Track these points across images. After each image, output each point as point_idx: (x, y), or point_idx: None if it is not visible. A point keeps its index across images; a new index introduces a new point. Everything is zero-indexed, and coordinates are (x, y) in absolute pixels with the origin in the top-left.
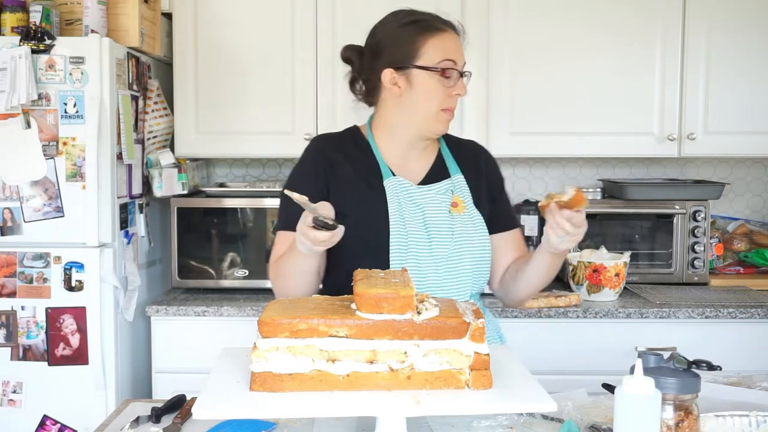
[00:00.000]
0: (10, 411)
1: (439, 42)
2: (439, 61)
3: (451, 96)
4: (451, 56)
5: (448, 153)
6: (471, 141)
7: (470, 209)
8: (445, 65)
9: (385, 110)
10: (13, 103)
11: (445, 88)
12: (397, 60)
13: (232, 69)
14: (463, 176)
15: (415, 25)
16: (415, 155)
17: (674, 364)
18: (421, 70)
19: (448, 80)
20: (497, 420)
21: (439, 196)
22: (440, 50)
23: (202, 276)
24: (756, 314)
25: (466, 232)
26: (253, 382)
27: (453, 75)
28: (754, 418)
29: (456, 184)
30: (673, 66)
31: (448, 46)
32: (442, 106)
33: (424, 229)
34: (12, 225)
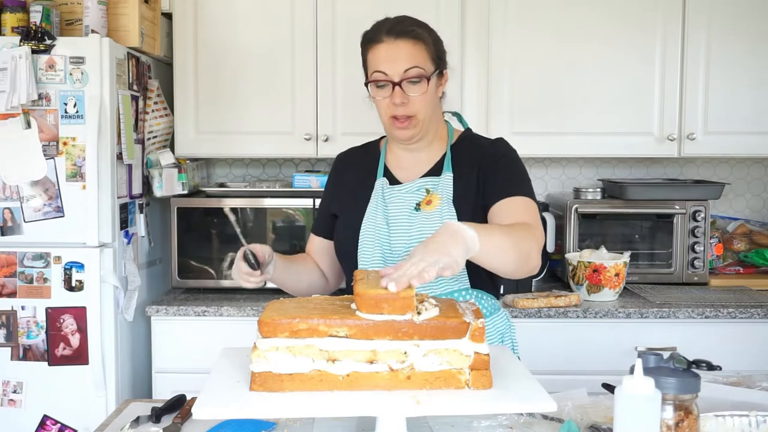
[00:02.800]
0: (10, 411)
1: (372, 55)
2: (371, 73)
3: (394, 105)
4: (381, 68)
5: (449, 154)
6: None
7: (444, 206)
8: (374, 77)
9: None
10: (13, 103)
11: (383, 99)
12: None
13: (232, 69)
14: (452, 174)
15: (363, 39)
16: (416, 155)
17: (674, 364)
18: (367, 83)
19: (382, 90)
20: (497, 420)
21: (407, 195)
22: (372, 62)
23: (202, 276)
24: (756, 314)
25: (428, 228)
26: (253, 382)
27: (387, 85)
28: (754, 418)
29: (440, 183)
30: (673, 66)
31: (379, 57)
32: (388, 115)
33: (385, 224)
34: (12, 225)
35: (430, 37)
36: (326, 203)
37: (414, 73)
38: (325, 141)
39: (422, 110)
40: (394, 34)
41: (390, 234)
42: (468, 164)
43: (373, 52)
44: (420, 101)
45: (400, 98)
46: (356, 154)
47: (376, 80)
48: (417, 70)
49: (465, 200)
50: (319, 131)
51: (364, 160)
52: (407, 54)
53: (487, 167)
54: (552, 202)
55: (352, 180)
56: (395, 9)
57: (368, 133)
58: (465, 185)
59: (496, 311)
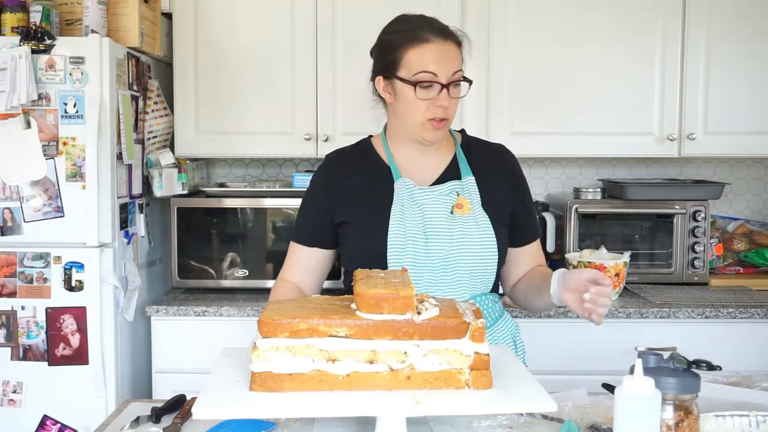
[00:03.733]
0: (10, 411)
1: (419, 53)
2: (415, 72)
3: (434, 106)
4: (430, 68)
5: (462, 155)
6: (496, 145)
7: (476, 211)
8: (420, 77)
9: (389, 116)
10: (13, 103)
11: (424, 100)
12: (385, 69)
13: (232, 69)
14: (474, 178)
15: (400, 34)
16: (426, 158)
17: (674, 364)
18: (401, 82)
19: (427, 91)
20: (497, 420)
21: (442, 198)
22: (419, 62)
23: (202, 276)
24: (756, 314)
25: (467, 233)
26: (253, 382)
27: (434, 87)
28: (754, 418)
29: (465, 186)
30: (673, 66)
31: (429, 57)
32: (426, 117)
33: (422, 230)
34: (12, 225)
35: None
36: (323, 210)
37: (459, 76)
38: (325, 141)
39: (454, 113)
40: (442, 36)
41: (427, 238)
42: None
43: (419, 51)
44: (455, 104)
45: (447, 101)
46: (351, 156)
47: (421, 80)
48: (461, 73)
49: (493, 207)
50: (319, 131)
51: (364, 163)
52: (455, 56)
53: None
54: (552, 202)
55: (357, 184)
56: (395, 9)
57: (368, 133)
58: (490, 193)
59: (503, 312)
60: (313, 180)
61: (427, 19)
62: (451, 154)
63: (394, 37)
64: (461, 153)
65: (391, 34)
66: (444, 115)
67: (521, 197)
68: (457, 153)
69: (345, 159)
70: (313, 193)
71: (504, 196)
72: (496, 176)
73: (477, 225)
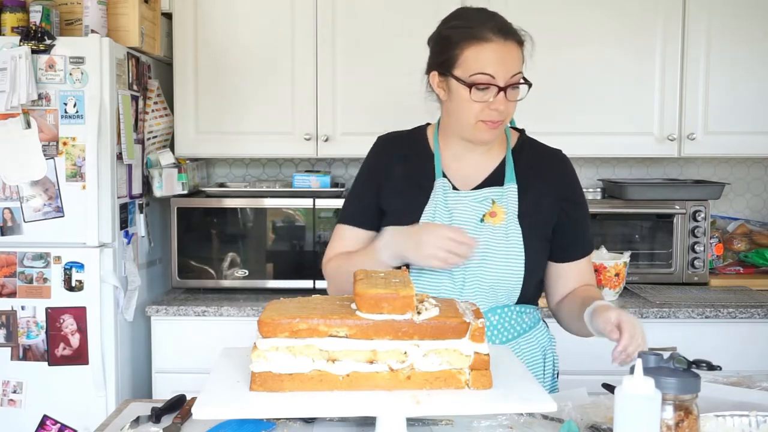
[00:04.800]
0: (10, 411)
1: (477, 53)
2: (472, 74)
3: (489, 109)
4: (488, 70)
5: (511, 160)
6: (553, 150)
7: (509, 221)
8: (477, 79)
9: (442, 111)
10: (13, 103)
11: (479, 102)
12: (440, 64)
13: (232, 69)
14: (516, 186)
15: (459, 31)
16: (474, 158)
17: (674, 364)
18: (456, 81)
19: (483, 93)
20: (497, 420)
21: (474, 204)
22: (476, 62)
23: (202, 276)
24: (756, 314)
25: (493, 244)
26: (253, 382)
27: (490, 89)
28: (754, 418)
29: (504, 194)
30: (673, 66)
31: (487, 58)
32: (479, 119)
33: None
34: (12, 225)
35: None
36: (370, 193)
37: (518, 78)
38: (325, 141)
39: (511, 114)
40: (503, 35)
41: None
42: (536, 180)
43: (478, 50)
44: (513, 106)
45: (503, 104)
46: (402, 143)
47: (478, 82)
48: (520, 75)
49: (531, 220)
50: (319, 131)
51: (413, 154)
52: (515, 58)
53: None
54: None
55: (402, 176)
56: (395, 9)
57: (368, 133)
58: (532, 205)
59: (537, 323)
60: (366, 163)
61: (489, 14)
62: (502, 156)
63: (452, 32)
64: (510, 157)
65: (450, 28)
66: (499, 118)
67: (570, 210)
68: (507, 157)
69: (397, 144)
70: (363, 176)
71: (548, 208)
72: (543, 186)
73: (506, 236)
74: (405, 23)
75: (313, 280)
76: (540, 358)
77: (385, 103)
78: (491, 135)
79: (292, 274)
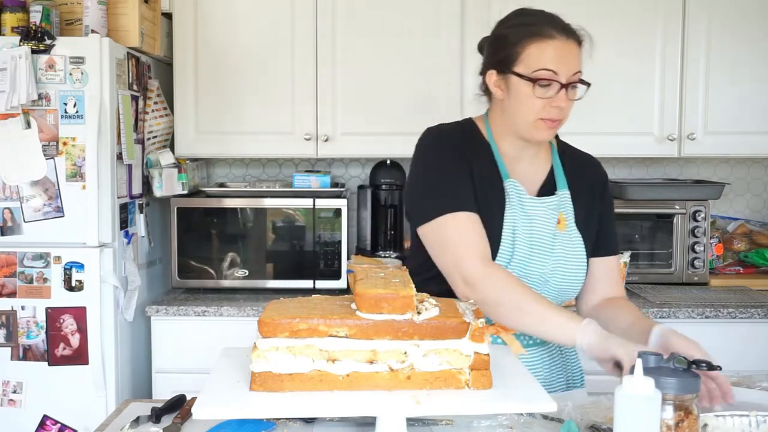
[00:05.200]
0: (10, 411)
1: (540, 49)
2: (535, 69)
3: (550, 106)
4: (551, 66)
5: (560, 165)
6: (587, 156)
7: (571, 228)
8: (540, 75)
9: (496, 109)
10: (13, 103)
11: (541, 99)
12: (499, 62)
13: (232, 69)
14: (569, 192)
15: (521, 28)
16: (527, 160)
17: (674, 364)
18: (518, 78)
19: (545, 90)
20: (497, 420)
21: (549, 211)
22: (539, 58)
23: (202, 276)
24: (756, 314)
25: (563, 252)
26: (253, 382)
27: (552, 86)
28: (754, 418)
29: (561, 201)
30: (673, 66)
31: (550, 54)
32: (539, 116)
33: (529, 242)
34: (12, 225)
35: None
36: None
37: (578, 77)
38: (325, 141)
39: (568, 115)
40: (566, 33)
41: (531, 253)
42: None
43: (542, 47)
44: (570, 106)
45: (564, 102)
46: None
47: (541, 78)
48: (580, 74)
49: (585, 225)
50: (319, 131)
51: (480, 152)
52: (576, 56)
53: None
54: None
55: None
56: (395, 10)
57: (368, 133)
58: (583, 211)
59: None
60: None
61: (549, 14)
62: (549, 161)
63: (514, 30)
64: (558, 162)
65: (511, 27)
66: (558, 116)
67: (604, 212)
68: (554, 163)
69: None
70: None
71: (593, 213)
72: (588, 192)
73: (572, 243)
74: (405, 23)
75: (313, 280)
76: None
77: (385, 103)
78: (549, 134)
79: (292, 274)
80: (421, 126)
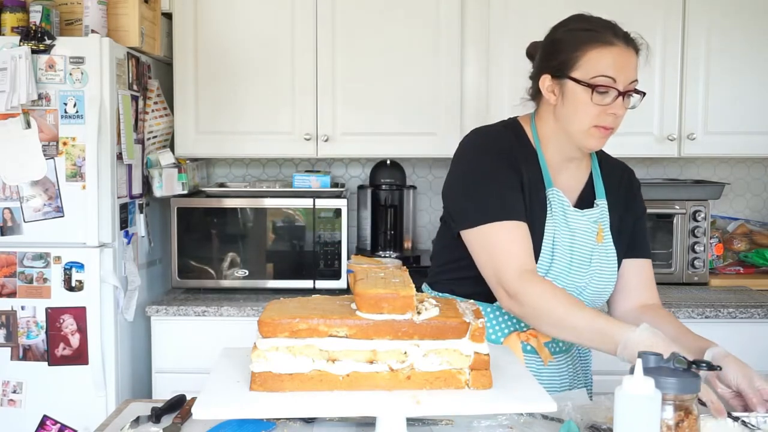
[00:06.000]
0: (10, 411)
1: (600, 56)
2: (594, 76)
3: (606, 114)
4: (610, 73)
5: (599, 174)
6: (621, 163)
7: (607, 239)
8: (598, 81)
9: (545, 115)
10: (13, 103)
11: (597, 105)
12: (555, 67)
13: (232, 69)
14: (606, 202)
15: (580, 33)
16: (571, 168)
17: (674, 364)
18: (575, 83)
19: (603, 97)
20: (497, 420)
21: (590, 224)
22: (598, 64)
23: (202, 276)
24: (756, 314)
25: (600, 264)
26: (253, 382)
27: (610, 93)
28: (754, 419)
29: (601, 212)
30: (673, 66)
31: (610, 61)
32: (594, 123)
33: (569, 255)
34: (12, 225)
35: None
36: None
37: (635, 86)
38: (325, 141)
39: (620, 124)
40: (625, 41)
41: (571, 266)
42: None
43: (602, 53)
44: (624, 114)
45: (621, 110)
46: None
47: (599, 84)
48: (636, 83)
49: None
50: (319, 131)
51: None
52: (635, 65)
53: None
54: None
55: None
56: (395, 10)
57: (368, 133)
58: (617, 219)
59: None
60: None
61: (608, 21)
62: (589, 169)
63: (573, 35)
64: (598, 171)
65: (569, 31)
66: (612, 124)
67: (639, 222)
68: (593, 172)
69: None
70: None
71: (627, 220)
72: (622, 200)
73: (607, 255)
74: (405, 23)
75: (313, 280)
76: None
77: (385, 103)
78: (601, 142)
79: (292, 274)
80: (421, 126)
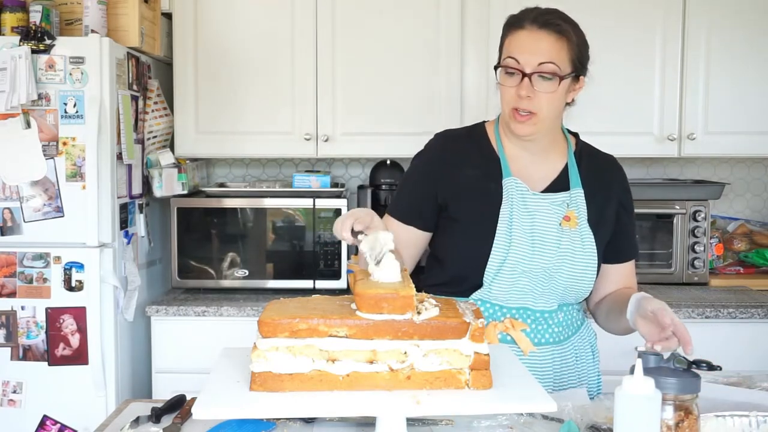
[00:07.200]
0: (10, 411)
1: (510, 40)
2: (504, 58)
3: (519, 97)
4: (515, 54)
5: (574, 164)
6: (608, 156)
7: (582, 226)
8: (505, 63)
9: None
10: (13, 103)
11: (509, 88)
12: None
13: (232, 69)
14: (582, 191)
15: (506, 23)
16: (535, 160)
17: (674, 364)
18: (496, 68)
19: (510, 78)
20: (497, 420)
21: (554, 207)
22: (508, 48)
23: (202, 276)
24: (756, 314)
25: (571, 248)
26: (253, 382)
27: (516, 74)
28: (754, 418)
29: (573, 198)
30: (673, 66)
31: (516, 43)
32: (512, 106)
33: (529, 238)
34: (12, 225)
35: (575, 36)
36: (431, 190)
37: (548, 68)
38: (325, 141)
39: (545, 109)
40: (538, 24)
41: (533, 247)
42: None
43: (512, 37)
44: (546, 99)
45: (526, 91)
46: (465, 143)
47: (506, 66)
48: (551, 66)
49: (598, 225)
50: (319, 131)
51: (478, 153)
52: (546, 47)
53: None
54: None
55: (469, 175)
56: (395, 10)
57: (368, 133)
58: (597, 209)
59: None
60: (424, 159)
61: (539, 8)
62: (564, 159)
63: (504, 23)
64: (573, 161)
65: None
66: (528, 107)
67: (624, 216)
68: (569, 161)
69: (460, 146)
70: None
71: (611, 215)
72: (605, 191)
73: (582, 241)
74: (405, 23)
75: (313, 280)
76: (590, 353)
77: (385, 103)
78: (523, 129)
79: (292, 274)
80: (421, 126)
